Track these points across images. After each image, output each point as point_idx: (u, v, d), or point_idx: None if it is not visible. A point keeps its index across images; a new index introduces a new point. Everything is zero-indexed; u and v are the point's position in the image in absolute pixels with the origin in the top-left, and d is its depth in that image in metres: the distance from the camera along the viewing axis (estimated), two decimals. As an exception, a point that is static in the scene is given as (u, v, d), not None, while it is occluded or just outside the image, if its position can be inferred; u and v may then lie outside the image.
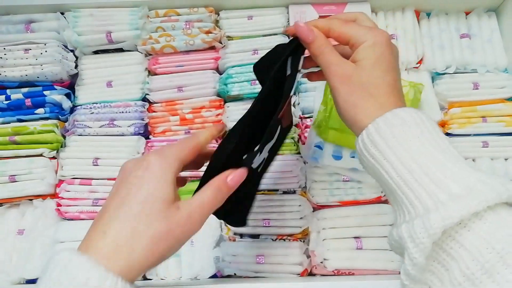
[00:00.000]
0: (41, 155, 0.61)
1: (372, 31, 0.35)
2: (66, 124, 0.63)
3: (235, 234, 0.57)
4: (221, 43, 0.65)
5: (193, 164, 0.38)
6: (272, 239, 0.56)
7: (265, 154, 0.39)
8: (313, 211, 0.58)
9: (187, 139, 0.35)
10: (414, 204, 0.29)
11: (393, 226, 0.31)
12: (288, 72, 0.39)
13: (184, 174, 0.38)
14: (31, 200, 0.61)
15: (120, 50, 0.66)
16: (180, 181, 0.39)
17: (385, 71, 0.34)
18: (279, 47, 0.40)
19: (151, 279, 0.57)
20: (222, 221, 0.58)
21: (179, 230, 0.30)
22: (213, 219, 0.57)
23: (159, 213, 0.30)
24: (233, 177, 0.34)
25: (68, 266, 0.27)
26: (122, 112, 0.62)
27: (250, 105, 0.37)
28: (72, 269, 0.27)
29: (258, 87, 0.62)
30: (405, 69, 0.65)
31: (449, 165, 0.29)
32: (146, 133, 0.64)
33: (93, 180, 0.60)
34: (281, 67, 0.38)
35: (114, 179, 0.58)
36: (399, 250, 0.30)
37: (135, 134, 0.62)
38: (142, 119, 0.63)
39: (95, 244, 0.29)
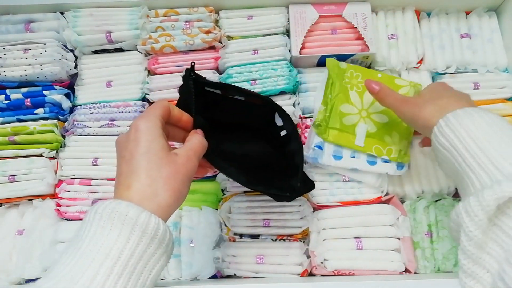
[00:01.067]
0: (40, 155, 0.61)
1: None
2: (66, 124, 0.63)
3: (235, 234, 0.57)
4: (221, 42, 0.65)
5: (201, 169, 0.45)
6: (272, 239, 0.56)
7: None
8: (313, 211, 0.57)
9: (155, 103, 0.40)
10: (474, 183, 0.34)
11: (456, 207, 0.35)
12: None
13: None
14: (30, 200, 0.61)
15: (120, 50, 0.66)
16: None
17: (439, 92, 0.45)
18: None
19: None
20: (222, 221, 0.58)
21: (183, 168, 0.37)
22: (212, 220, 0.58)
23: (163, 159, 0.36)
24: (200, 132, 0.42)
25: (108, 206, 0.32)
26: (122, 112, 0.62)
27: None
28: (114, 206, 0.32)
29: (258, 87, 0.61)
30: (406, 69, 0.65)
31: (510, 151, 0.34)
32: (146, 133, 0.64)
33: (93, 180, 0.60)
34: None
35: (113, 179, 0.59)
36: (456, 233, 0.34)
37: (135, 134, 0.62)
38: (142, 119, 0.62)
39: (125, 197, 0.34)
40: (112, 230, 0.31)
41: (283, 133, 0.51)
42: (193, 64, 0.45)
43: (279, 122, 0.51)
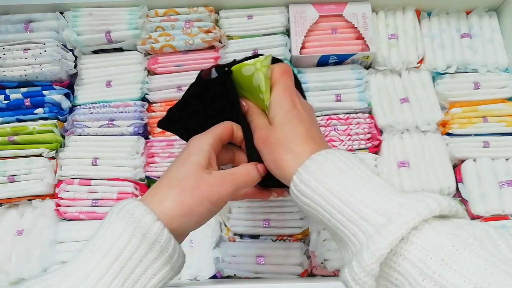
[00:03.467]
0: (40, 155, 0.61)
1: (275, 88, 0.39)
2: (65, 124, 0.63)
3: (235, 234, 0.57)
4: (220, 42, 0.65)
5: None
6: (272, 240, 0.56)
7: None
8: (313, 212, 0.57)
9: (220, 123, 0.40)
10: (352, 241, 0.30)
11: (342, 267, 0.32)
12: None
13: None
14: (30, 200, 0.60)
15: (120, 49, 0.66)
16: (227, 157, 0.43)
17: (294, 124, 0.37)
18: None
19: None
20: (222, 221, 0.58)
21: (207, 188, 0.34)
22: (212, 220, 0.58)
23: (191, 173, 0.34)
24: (261, 167, 0.39)
25: (121, 203, 0.33)
26: (122, 112, 0.62)
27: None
28: (125, 204, 0.32)
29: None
30: (406, 69, 0.64)
31: (371, 195, 0.30)
32: (145, 133, 0.64)
33: (92, 180, 0.60)
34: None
35: (113, 179, 0.59)
36: None
37: (134, 134, 0.62)
38: (142, 119, 0.62)
39: (142, 197, 0.34)
40: (116, 227, 0.31)
41: None
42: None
43: None
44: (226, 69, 0.40)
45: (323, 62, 0.64)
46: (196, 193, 0.34)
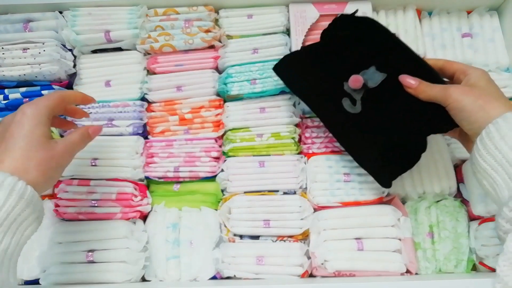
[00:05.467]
0: (39, 155, 0.60)
1: (475, 68, 0.48)
2: (65, 124, 0.63)
3: (234, 235, 0.57)
4: (220, 42, 0.65)
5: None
6: (272, 240, 0.56)
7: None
8: (313, 212, 0.57)
9: (54, 91, 0.47)
10: None
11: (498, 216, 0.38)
12: None
13: (183, 175, 0.52)
14: (29, 200, 0.60)
15: (119, 49, 0.65)
16: (61, 123, 0.54)
17: (496, 88, 0.45)
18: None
19: (149, 281, 0.56)
20: (221, 222, 0.57)
21: (59, 157, 0.42)
22: (212, 220, 0.57)
23: (42, 145, 0.41)
24: (93, 130, 0.49)
25: None
26: (121, 112, 0.62)
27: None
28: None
29: (258, 87, 0.61)
30: (407, 69, 0.64)
31: None
32: (144, 133, 0.63)
33: (92, 180, 0.59)
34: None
35: (113, 179, 0.59)
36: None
37: (133, 134, 0.62)
38: (141, 119, 0.62)
39: (14, 170, 0.38)
40: None
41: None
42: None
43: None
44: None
45: (324, 61, 0.64)
46: (52, 163, 0.41)
